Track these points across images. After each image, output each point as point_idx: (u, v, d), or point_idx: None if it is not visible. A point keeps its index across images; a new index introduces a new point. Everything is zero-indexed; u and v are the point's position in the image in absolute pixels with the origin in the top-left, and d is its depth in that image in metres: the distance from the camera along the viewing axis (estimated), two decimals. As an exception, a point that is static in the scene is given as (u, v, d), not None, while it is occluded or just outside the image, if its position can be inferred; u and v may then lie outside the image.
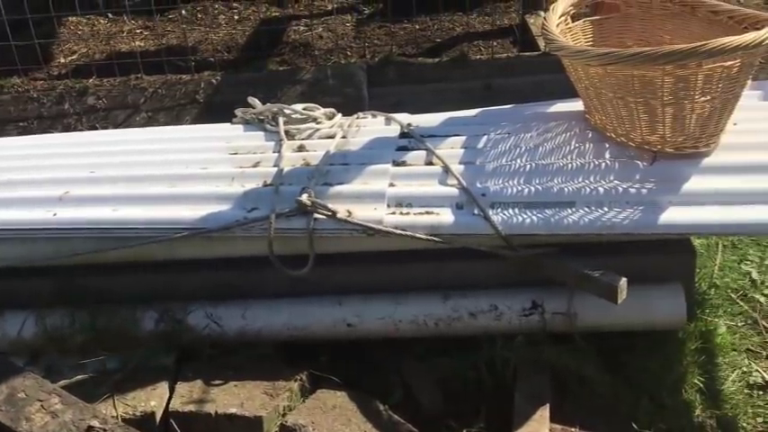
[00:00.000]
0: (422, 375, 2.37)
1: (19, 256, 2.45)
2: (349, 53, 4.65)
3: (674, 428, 2.17)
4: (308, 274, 2.34)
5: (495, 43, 4.73)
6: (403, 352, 2.45)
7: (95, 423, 1.91)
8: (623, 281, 2.11)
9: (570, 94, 2.54)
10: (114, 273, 2.51)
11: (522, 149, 2.45)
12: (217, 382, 2.25)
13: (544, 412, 2.10)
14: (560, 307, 2.31)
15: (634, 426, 2.11)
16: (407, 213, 2.31)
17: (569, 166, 2.35)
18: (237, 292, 2.49)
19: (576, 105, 2.60)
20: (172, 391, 2.23)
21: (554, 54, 2.36)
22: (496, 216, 2.24)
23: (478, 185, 2.33)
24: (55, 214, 2.38)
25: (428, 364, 2.40)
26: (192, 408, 2.14)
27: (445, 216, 2.28)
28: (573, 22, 2.58)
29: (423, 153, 2.50)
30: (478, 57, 4.46)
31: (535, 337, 2.31)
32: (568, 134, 2.49)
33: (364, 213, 2.29)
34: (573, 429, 2.10)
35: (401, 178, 2.41)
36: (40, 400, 1.95)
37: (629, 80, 2.16)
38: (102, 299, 2.50)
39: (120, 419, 2.02)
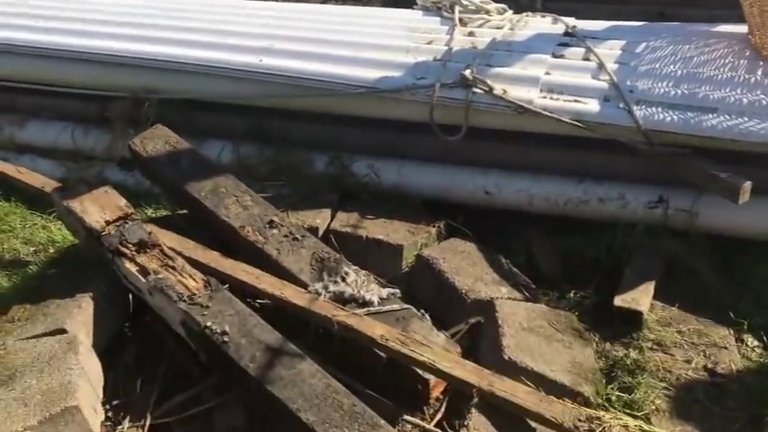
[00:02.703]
0: (544, 245, 2.66)
1: (225, 93, 2.97)
2: (530, -32, 4.79)
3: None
4: (459, 141, 2.67)
5: (678, -24, 4.68)
6: (531, 225, 2.75)
7: (276, 219, 2.39)
8: (747, 183, 2.28)
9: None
10: (297, 119, 2.98)
11: (677, 58, 2.61)
12: (369, 217, 2.67)
13: (649, 287, 2.34)
14: (684, 204, 2.50)
15: (731, 314, 2.29)
16: (557, 99, 2.57)
17: (719, 76, 2.49)
18: (396, 150, 2.88)
19: (740, 29, 2.70)
20: (333, 217, 2.68)
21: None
22: (640, 112, 2.45)
23: (628, 83, 2.53)
24: (261, 60, 2.86)
25: (552, 238, 2.69)
26: (348, 230, 2.58)
27: (591, 106, 2.52)
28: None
29: (581, 50, 2.72)
30: (658, -15, 4.47)
31: (655, 228, 2.53)
32: (726, 50, 2.61)
33: (518, 93, 2.57)
34: (673, 307, 2.33)
35: (557, 68, 2.66)
36: (236, 196, 2.45)
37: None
38: (285, 139, 2.99)
39: (291, 225, 2.49)
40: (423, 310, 2.25)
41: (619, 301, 2.28)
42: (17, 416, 1.79)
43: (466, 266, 2.44)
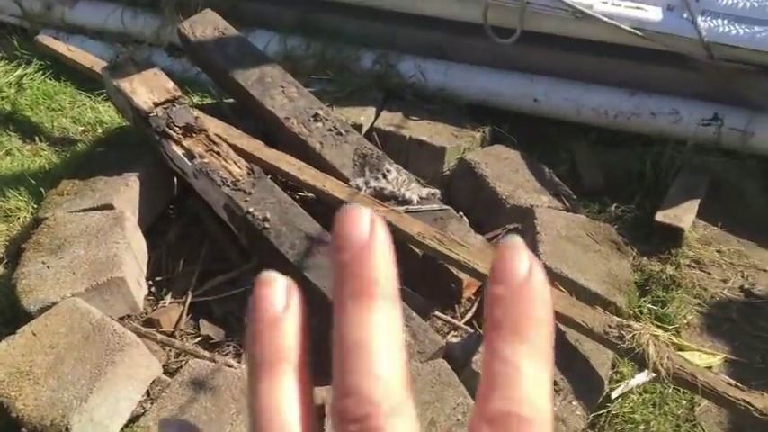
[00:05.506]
0: (588, 156, 2.62)
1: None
2: None
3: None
4: (511, 46, 2.59)
5: None
6: (576, 136, 2.70)
7: (320, 112, 2.38)
8: (810, 105, 2.19)
9: None
10: (346, 14, 2.92)
11: (751, -32, 2.46)
12: (414, 118, 2.65)
13: (693, 204, 2.31)
14: (739, 124, 2.42)
15: (775, 238, 2.26)
16: (618, 5, 2.46)
17: (794, -10, 2.36)
18: (444, 53, 2.82)
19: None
20: (377, 116, 2.66)
21: None
22: (704, 23, 2.34)
23: (694, -8, 2.41)
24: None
25: (596, 150, 2.64)
26: (391, 129, 2.57)
27: (653, 14, 2.41)
28: None
29: (648, -45, 2.58)
30: None
31: (706, 147, 2.46)
32: (805, -38, 2.46)
33: (578, -2, 2.47)
34: (715, 227, 2.30)
35: (621, -27, 2.54)
36: (282, 87, 2.44)
37: None
38: (332, 34, 2.93)
39: (335, 120, 2.48)
40: (461, 213, 2.26)
41: (661, 216, 2.25)
42: (66, 282, 1.87)
43: (508, 173, 2.42)
